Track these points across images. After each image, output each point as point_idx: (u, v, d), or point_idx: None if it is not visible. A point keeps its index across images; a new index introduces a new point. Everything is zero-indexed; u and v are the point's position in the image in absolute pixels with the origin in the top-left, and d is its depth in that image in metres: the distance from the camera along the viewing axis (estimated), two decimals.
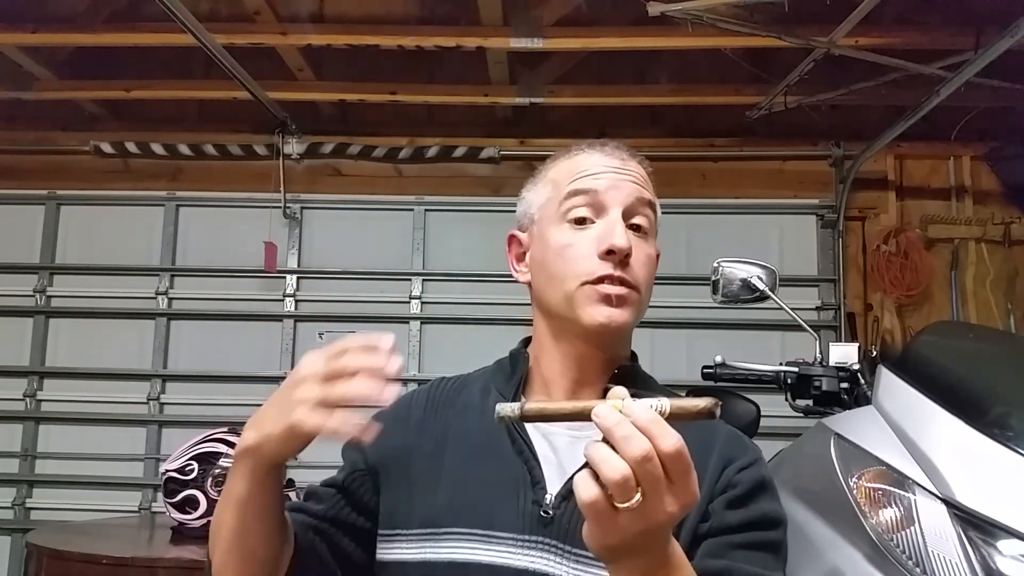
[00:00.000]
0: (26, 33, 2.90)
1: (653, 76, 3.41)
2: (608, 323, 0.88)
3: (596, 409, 0.62)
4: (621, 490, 0.60)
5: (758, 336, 3.28)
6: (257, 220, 3.44)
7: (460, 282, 3.37)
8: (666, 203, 1.01)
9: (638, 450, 0.59)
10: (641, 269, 0.91)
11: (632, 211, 0.92)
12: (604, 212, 0.91)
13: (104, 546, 1.93)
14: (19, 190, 3.54)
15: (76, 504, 3.30)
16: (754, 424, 1.97)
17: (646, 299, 0.93)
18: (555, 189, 0.95)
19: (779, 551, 0.85)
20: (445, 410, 0.97)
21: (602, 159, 0.94)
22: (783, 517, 0.87)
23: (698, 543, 0.83)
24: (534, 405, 0.68)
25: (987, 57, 2.36)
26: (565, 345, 0.93)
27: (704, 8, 2.44)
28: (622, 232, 0.89)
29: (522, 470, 0.88)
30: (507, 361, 1.01)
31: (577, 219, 0.91)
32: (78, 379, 3.43)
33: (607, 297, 0.88)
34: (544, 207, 0.96)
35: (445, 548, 0.86)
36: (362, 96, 3.29)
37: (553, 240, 0.93)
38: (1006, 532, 1.08)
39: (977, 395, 1.31)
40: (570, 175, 0.94)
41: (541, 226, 0.96)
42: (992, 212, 3.37)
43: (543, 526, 0.85)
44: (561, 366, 0.94)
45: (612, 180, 0.92)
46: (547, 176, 0.98)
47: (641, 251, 0.92)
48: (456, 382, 1.02)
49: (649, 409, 0.62)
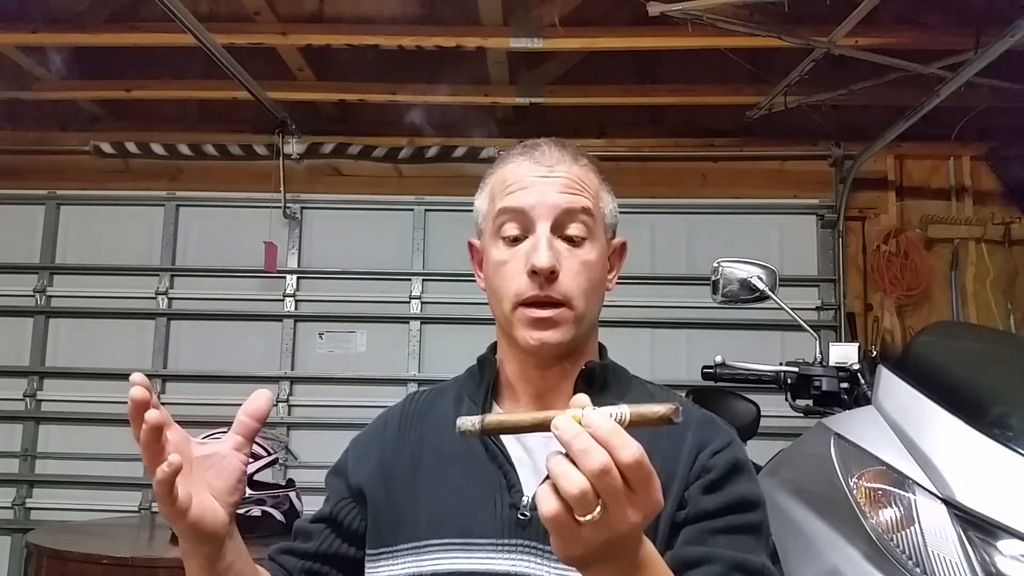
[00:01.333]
0: (26, 33, 2.91)
1: (653, 76, 3.41)
2: (540, 345, 0.89)
3: (555, 421, 0.62)
4: (581, 503, 0.60)
5: (758, 336, 3.28)
6: (257, 220, 3.44)
7: (460, 282, 3.37)
8: (666, 203, 1.02)
9: (596, 464, 0.59)
10: (573, 281, 0.89)
11: (561, 223, 0.90)
12: (532, 229, 0.90)
13: (104, 546, 1.93)
14: (19, 190, 3.54)
15: (76, 504, 3.30)
16: (754, 424, 1.97)
17: (587, 309, 0.91)
18: (491, 202, 0.95)
19: (759, 532, 0.85)
20: (419, 424, 0.98)
21: (530, 168, 0.92)
22: (761, 498, 0.87)
23: (677, 531, 0.83)
24: (494, 418, 0.68)
25: (987, 57, 2.36)
26: (520, 355, 0.94)
27: (704, 8, 2.44)
28: (544, 250, 0.88)
29: (497, 475, 0.89)
30: (476, 367, 1.01)
31: (509, 237, 0.92)
32: (78, 379, 3.42)
33: (536, 321, 0.89)
34: (485, 219, 0.97)
35: (428, 561, 0.87)
36: (362, 96, 3.29)
37: (492, 257, 0.94)
38: (1006, 532, 1.08)
39: (977, 395, 1.31)
40: (502, 187, 0.93)
41: (484, 239, 0.97)
42: (992, 212, 3.37)
43: (521, 528, 0.85)
44: (522, 371, 0.95)
45: (538, 194, 0.90)
46: (487, 185, 0.98)
47: (574, 261, 0.90)
48: (429, 395, 1.03)
49: (608, 419, 0.61)
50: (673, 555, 0.81)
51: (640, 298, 3.28)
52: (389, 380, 3.34)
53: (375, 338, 3.43)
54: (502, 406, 0.97)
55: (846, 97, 3.05)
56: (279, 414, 3.35)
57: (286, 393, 3.38)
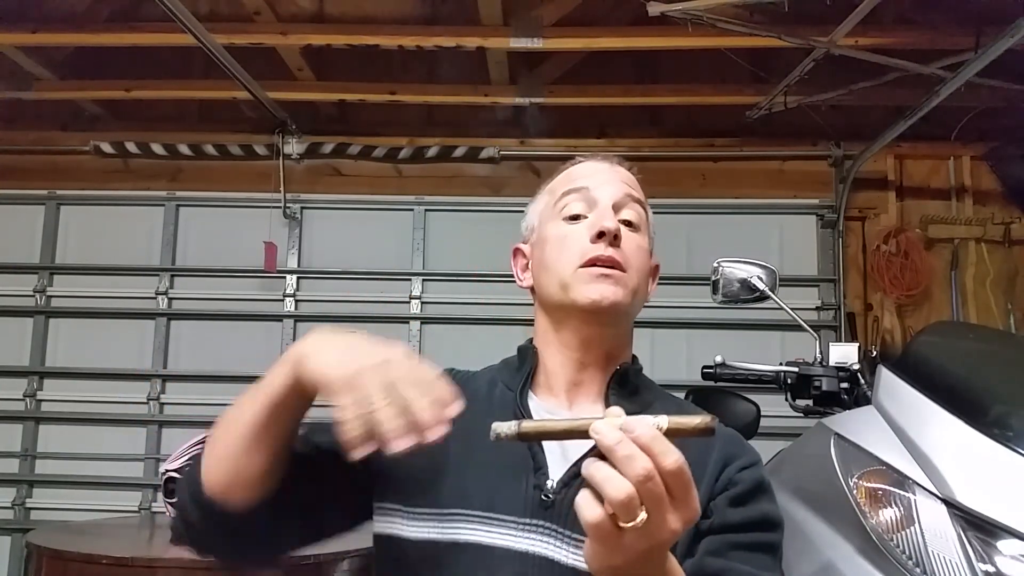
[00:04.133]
0: (26, 33, 2.90)
1: (653, 76, 3.41)
2: (601, 300, 0.92)
3: (595, 425, 0.62)
4: (625, 510, 0.60)
5: (758, 336, 3.28)
6: (257, 220, 3.43)
7: (460, 282, 3.37)
8: (666, 203, 1.05)
9: (641, 469, 0.60)
10: (632, 254, 0.96)
11: (621, 205, 0.98)
12: (595, 205, 0.97)
13: (104, 546, 1.92)
14: (19, 190, 3.54)
15: (76, 504, 3.30)
16: (754, 424, 1.97)
17: (639, 285, 0.96)
18: (551, 196, 1.03)
19: (776, 553, 0.87)
20: None
21: (593, 164, 1.04)
22: (781, 520, 0.89)
23: (698, 540, 0.84)
24: (531, 424, 0.68)
25: (987, 57, 2.36)
26: (565, 334, 0.97)
27: (704, 8, 2.44)
28: (611, 215, 0.96)
29: (525, 456, 0.90)
30: (514, 358, 1.03)
31: (571, 215, 0.98)
32: (78, 379, 3.42)
33: (599, 276, 0.93)
34: (543, 213, 1.04)
35: (449, 529, 0.87)
36: (362, 96, 3.29)
37: (550, 235, 0.99)
38: (1006, 532, 1.08)
39: (977, 395, 1.31)
40: (564, 181, 1.02)
41: (541, 230, 1.03)
42: (992, 212, 3.37)
43: (544, 510, 0.86)
44: (562, 357, 0.97)
45: (602, 180, 1.00)
46: (545, 188, 1.06)
47: (631, 240, 0.97)
48: (463, 374, 1.05)
49: (650, 426, 0.62)
50: (693, 564, 0.82)
51: None
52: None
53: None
54: (537, 395, 0.98)
55: (846, 97, 3.05)
56: None
57: None
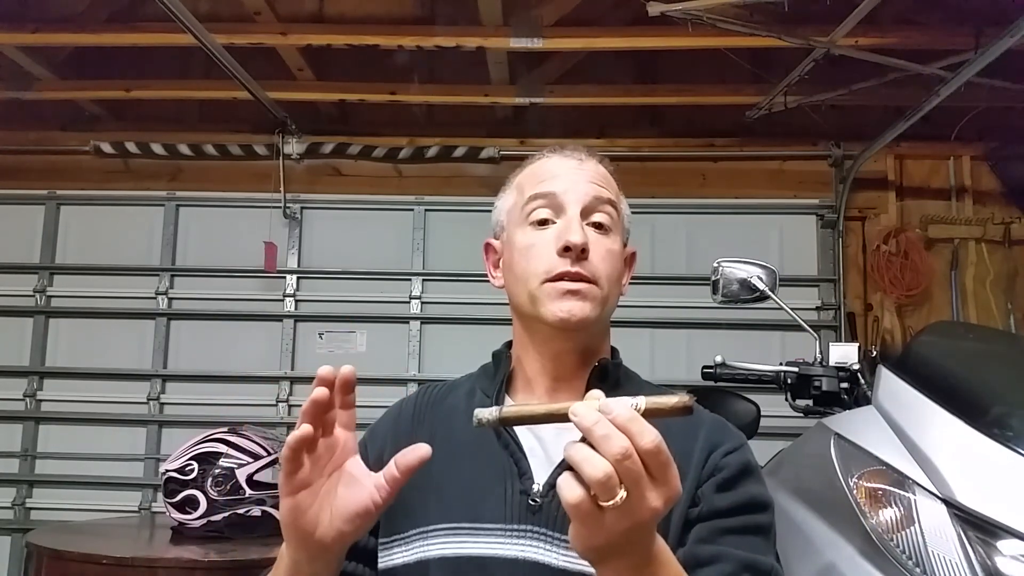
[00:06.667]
0: (26, 33, 2.90)
1: (653, 76, 3.41)
2: (568, 317, 0.90)
3: (573, 407, 0.63)
4: (604, 488, 0.60)
5: (758, 336, 3.28)
6: (257, 220, 3.44)
7: (460, 282, 3.37)
8: (666, 203, 1.03)
9: (618, 447, 0.60)
10: (601, 263, 0.93)
11: (591, 209, 0.95)
12: (563, 212, 0.94)
13: (104, 546, 1.92)
14: (19, 190, 3.54)
15: (76, 504, 3.30)
16: (754, 424, 1.97)
17: (610, 292, 0.94)
18: (519, 194, 0.99)
19: (768, 534, 0.87)
20: (431, 415, 0.99)
21: (560, 161, 0.98)
22: (770, 501, 0.89)
23: (689, 528, 0.84)
24: (512, 409, 0.69)
25: (987, 57, 2.36)
26: (539, 343, 0.96)
27: (704, 8, 2.44)
28: (578, 228, 0.91)
29: (508, 462, 0.90)
30: (491, 364, 1.03)
31: (538, 220, 0.95)
32: (78, 379, 3.42)
33: (565, 293, 0.91)
34: (511, 212, 1.00)
35: (435, 545, 0.87)
36: (362, 96, 3.29)
37: (518, 242, 0.96)
38: (1006, 532, 1.08)
39: (977, 395, 1.31)
40: (532, 179, 0.98)
41: (509, 231, 1.00)
42: (992, 212, 3.37)
43: (531, 514, 0.86)
44: (539, 363, 0.97)
45: (569, 181, 0.96)
46: (513, 183, 1.02)
47: (601, 246, 0.94)
48: (442, 388, 1.04)
49: (627, 406, 0.62)
50: (685, 552, 0.82)
51: (640, 298, 3.27)
52: (389, 380, 3.33)
53: (375, 338, 3.43)
54: (516, 398, 0.98)
55: (846, 97, 3.05)
56: (279, 414, 3.35)
57: (286, 393, 3.38)
